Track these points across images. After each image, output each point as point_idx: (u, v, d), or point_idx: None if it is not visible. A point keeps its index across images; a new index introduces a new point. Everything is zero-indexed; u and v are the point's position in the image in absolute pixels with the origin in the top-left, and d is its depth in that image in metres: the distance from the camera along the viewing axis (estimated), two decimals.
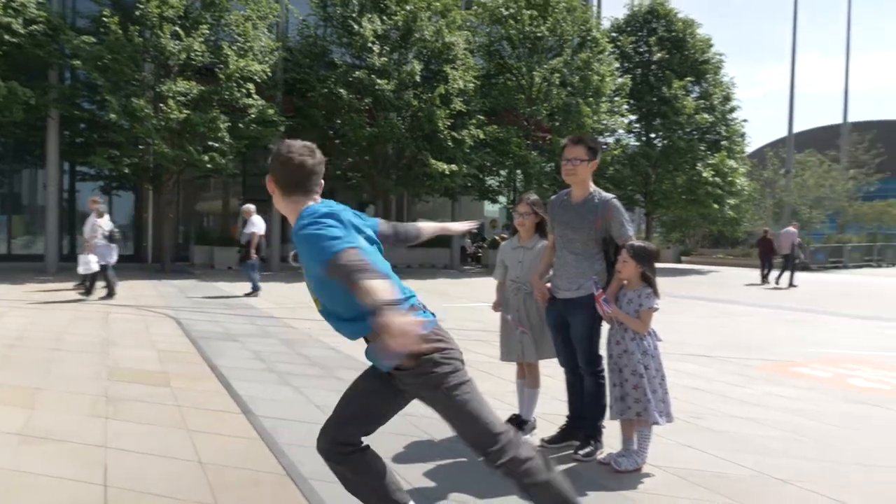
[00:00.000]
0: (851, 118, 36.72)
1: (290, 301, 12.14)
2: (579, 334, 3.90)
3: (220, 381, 5.67)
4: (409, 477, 3.54)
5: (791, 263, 19.20)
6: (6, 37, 15.79)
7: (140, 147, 18.22)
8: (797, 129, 35.33)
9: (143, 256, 21.54)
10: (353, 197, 25.39)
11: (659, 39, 26.93)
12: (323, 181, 2.55)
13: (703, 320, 10.78)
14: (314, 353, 7.13)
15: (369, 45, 19.35)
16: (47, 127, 18.12)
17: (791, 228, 20.04)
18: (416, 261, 24.58)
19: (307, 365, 6.49)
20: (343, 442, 2.54)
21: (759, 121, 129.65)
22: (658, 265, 3.87)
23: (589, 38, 23.92)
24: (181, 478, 3.47)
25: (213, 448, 3.94)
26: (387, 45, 19.97)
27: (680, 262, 32.44)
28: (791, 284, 18.81)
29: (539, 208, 4.36)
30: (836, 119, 37.20)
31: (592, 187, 4.00)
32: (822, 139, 38.96)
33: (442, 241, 25.71)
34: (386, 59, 19.65)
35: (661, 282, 3.82)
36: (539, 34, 22.61)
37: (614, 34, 27.04)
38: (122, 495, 3.24)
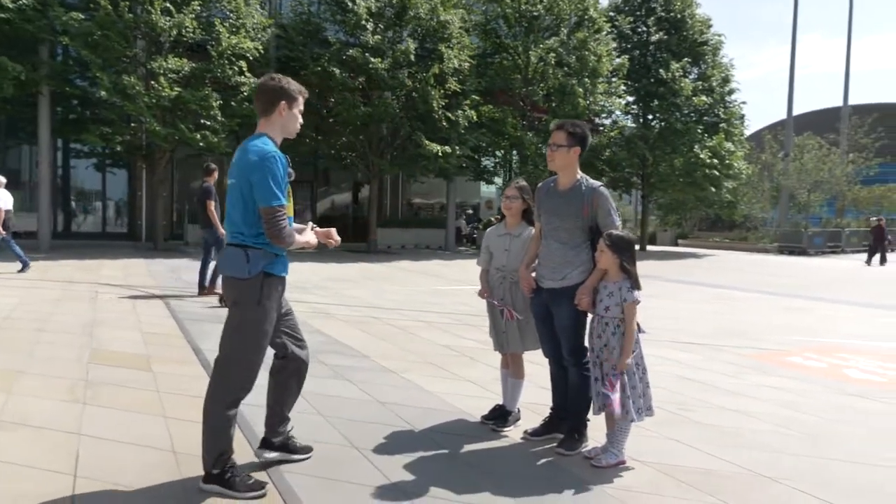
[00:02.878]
0: (852, 101, 36.51)
1: None
2: (564, 325, 3.80)
3: (202, 365, 5.57)
4: (388, 470, 3.45)
5: None
6: None
7: (132, 125, 18.02)
8: (797, 111, 35.03)
9: (137, 234, 21.39)
10: (347, 177, 25.24)
11: (657, 20, 26.61)
12: None
13: (697, 305, 10.71)
14: None
15: (363, 22, 19.08)
16: (38, 103, 17.86)
17: None
18: (410, 241, 24.48)
19: None
20: None
21: (757, 103, 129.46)
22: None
23: (586, 17, 23.64)
24: (154, 470, 3.38)
25: (188, 437, 3.83)
26: (381, 22, 19.68)
27: (677, 244, 32.32)
28: None
29: (527, 194, 4.24)
30: (836, 102, 36.96)
31: (579, 174, 3.88)
32: (822, 122, 38.74)
33: (436, 222, 25.64)
34: (380, 37, 19.38)
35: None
36: (535, 13, 22.33)
37: (612, 14, 26.72)
38: (90, 486, 3.15)
